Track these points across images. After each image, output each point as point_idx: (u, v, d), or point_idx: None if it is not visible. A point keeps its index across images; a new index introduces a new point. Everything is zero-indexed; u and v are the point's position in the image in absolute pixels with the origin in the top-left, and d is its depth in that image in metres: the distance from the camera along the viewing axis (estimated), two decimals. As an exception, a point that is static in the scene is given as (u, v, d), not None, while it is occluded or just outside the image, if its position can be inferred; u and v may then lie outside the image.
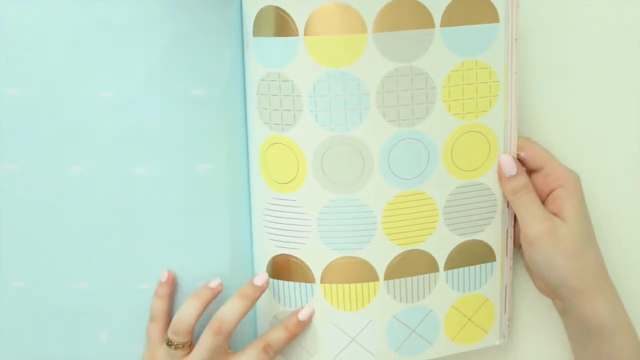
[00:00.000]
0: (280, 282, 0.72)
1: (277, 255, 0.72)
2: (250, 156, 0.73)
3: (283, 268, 0.72)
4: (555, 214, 0.71)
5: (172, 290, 0.71)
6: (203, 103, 0.70)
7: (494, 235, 0.74)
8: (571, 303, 0.71)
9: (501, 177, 0.72)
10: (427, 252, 0.72)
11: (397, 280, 0.72)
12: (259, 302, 0.74)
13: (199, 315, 0.70)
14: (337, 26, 0.67)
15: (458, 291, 0.74)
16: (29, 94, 0.69)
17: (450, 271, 0.73)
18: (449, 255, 0.73)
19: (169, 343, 0.69)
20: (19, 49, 0.68)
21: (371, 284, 0.72)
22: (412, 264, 0.72)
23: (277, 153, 0.70)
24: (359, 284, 0.72)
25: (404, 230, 0.71)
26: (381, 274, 0.72)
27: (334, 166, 0.70)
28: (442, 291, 0.73)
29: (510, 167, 0.71)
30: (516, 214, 0.72)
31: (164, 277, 0.71)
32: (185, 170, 0.71)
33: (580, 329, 0.72)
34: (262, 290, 0.71)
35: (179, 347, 0.69)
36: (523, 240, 0.72)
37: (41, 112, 0.70)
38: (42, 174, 0.70)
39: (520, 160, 0.72)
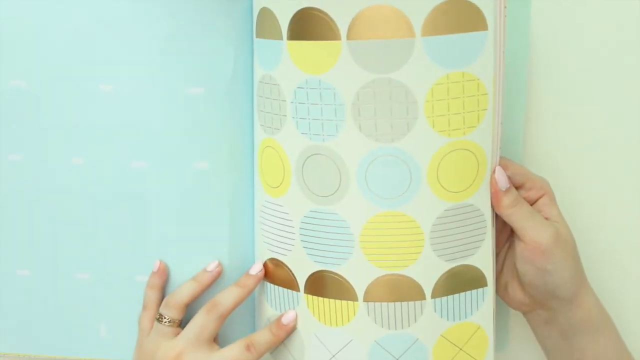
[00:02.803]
0: (272, 285, 0.72)
1: (269, 259, 0.72)
2: (253, 157, 0.73)
3: (273, 272, 0.72)
4: None
5: (164, 281, 0.74)
6: (200, 102, 0.72)
7: (484, 258, 0.68)
8: (564, 307, 0.70)
9: (496, 193, 0.67)
10: (412, 279, 0.67)
11: (377, 304, 0.68)
12: (256, 305, 0.75)
13: (194, 295, 0.72)
14: (313, 31, 0.66)
15: (447, 320, 0.68)
16: (33, 86, 0.72)
17: (438, 299, 0.67)
18: (436, 283, 0.67)
19: (159, 318, 0.72)
20: (23, 42, 0.72)
21: (350, 303, 0.69)
22: (394, 290, 0.68)
23: (269, 156, 0.70)
24: (338, 301, 0.69)
25: (384, 252, 0.67)
26: (360, 294, 0.68)
27: (313, 176, 0.68)
28: (430, 320, 0.68)
29: (505, 180, 0.68)
30: (518, 226, 0.68)
31: (155, 266, 0.73)
32: (182, 167, 0.72)
33: (567, 333, 0.71)
34: (257, 279, 0.72)
35: (167, 323, 0.71)
36: (531, 253, 0.68)
37: (44, 104, 0.73)
38: (45, 165, 0.73)
39: None
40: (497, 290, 0.73)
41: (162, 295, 0.74)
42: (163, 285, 0.74)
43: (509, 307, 0.74)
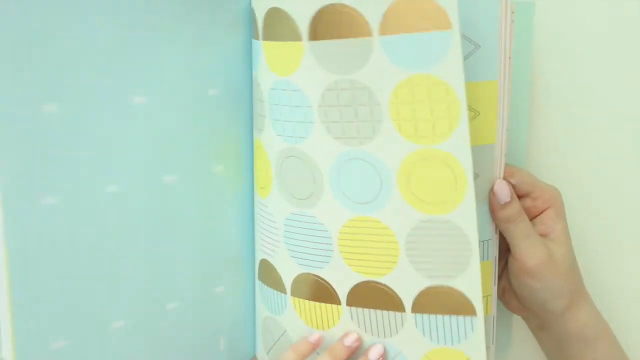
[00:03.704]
0: (265, 286, 0.71)
1: (262, 259, 0.71)
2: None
3: (265, 273, 0.71)
4: (543, 234, 0.67)
5: (311, 352, 0.68)
6: (219, 104, 0.67)
7: (470, 285, 0.62)
8: (556, 319, 0.68)
9: (493, 205, 0.64)
10: (390, 288, 0.64)
11: (360, 310, 0.65)
12: (256, 303, 0.73)
13: None
14: (280, 32, 0.63)
15: (431, 340, 0.64)
16: (67, 111, 0.59)
17: (419, 315, 0.64)
18: (416, 297, 0.63)
19: None
20: (51, 63, 0.58)
21: (334, 306, 0.67)
22: (375, 297, 0.65)
23: (257, 157, 0.69)
24: (323, 304, 0.67)
25: (361, 258, 0.64)
26: (343, 298, 0.66)
27: (290, 178, 0.66)
28: (412, 335, 0.64)
29: (506, 193, 0.64)
30: (511, 242, 0.66)
31: (314, 338, 0.67)
32: (203, 174, 0.67)
33: (562, 341, 0.69)
34: (351, 350, 0.66)
35: None
36: (519, 270, 0.66)
37: (79, 130, 0.59)
38: (84, 204, 0.60)
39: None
40: (497, 293, 0.70)
41: None
42: (308, 356, 0.68)
43: (508, 310, 0.72)
